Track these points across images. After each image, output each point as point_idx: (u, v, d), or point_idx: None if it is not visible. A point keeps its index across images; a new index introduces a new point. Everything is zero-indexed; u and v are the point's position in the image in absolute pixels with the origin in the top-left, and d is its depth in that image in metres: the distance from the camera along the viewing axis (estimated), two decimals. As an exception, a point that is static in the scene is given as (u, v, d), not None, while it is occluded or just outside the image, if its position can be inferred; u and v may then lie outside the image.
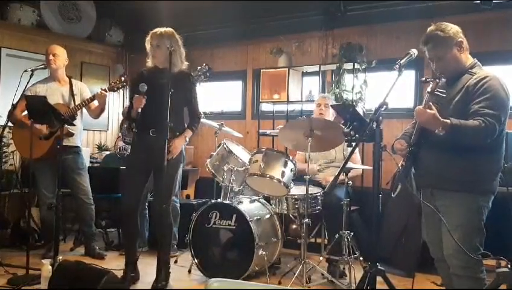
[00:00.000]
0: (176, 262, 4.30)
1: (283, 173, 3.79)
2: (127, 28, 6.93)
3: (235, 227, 3.83)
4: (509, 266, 2.38)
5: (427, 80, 2.57)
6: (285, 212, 4.09)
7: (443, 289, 2.99)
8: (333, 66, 5.40)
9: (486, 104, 2.46)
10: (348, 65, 5.22)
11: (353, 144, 2.53)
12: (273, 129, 5.38)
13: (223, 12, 5.88)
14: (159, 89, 3.48)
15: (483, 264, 2.58)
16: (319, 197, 3.96)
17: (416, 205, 3.20)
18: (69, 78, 4.58)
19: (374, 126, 2.39)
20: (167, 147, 3.41)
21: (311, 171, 4.08)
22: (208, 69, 4.59)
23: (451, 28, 2.64)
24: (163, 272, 3.58)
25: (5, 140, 4.97)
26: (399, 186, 2.72)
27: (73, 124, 4.05)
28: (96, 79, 6.68)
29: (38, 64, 4.31)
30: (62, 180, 3.66)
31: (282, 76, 5.53)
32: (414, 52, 2.59)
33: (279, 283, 3.78)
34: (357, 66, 5.18)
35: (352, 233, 3.79)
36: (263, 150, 3.95)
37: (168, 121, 3.34)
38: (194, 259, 3.94)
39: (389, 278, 2.47)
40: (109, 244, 4.92)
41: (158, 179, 3.59)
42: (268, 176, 3.79)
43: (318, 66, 5.49)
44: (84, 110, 4.49)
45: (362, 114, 4.29)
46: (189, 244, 3.94)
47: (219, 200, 4.05)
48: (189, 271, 4.09)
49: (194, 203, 4.90)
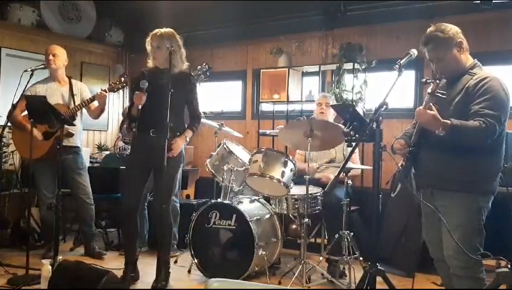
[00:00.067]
0: (176, 262, 4.29)
1: (283, 173, 3.79)
2: (127, 28, 6.92)
3: (235, 227, 3.83)
4: (509, 266, 2.38)
5: (427, 81, 2.57)
6: (285, 212, 4.09)
7: (443, 289, 2.98)
8: (333, 66, 5.39)
9: (487, 105, 2.46)
10: (348, 65, 5.22)
11: (353, 144, 2.53)
12: (273, 129, 5.38)
13: (223, 12, 5.88)
14: (159, 89, 3.48)
15: (483, 265, 2.58)
16: (318, 197, 3.96)
17: (416, 205, 3.20)
18: (69, 78, 4.58)
19: (373, 126, 2.39)
20: (168, 145, 3.41)
21: (311, 170, 4.08)
22: (208, 68, 4.59)
23: (451, 28, 2.64)
24: (163, 272, 3.58)
25: (5, 140, 4.97)
26: (399, 186, 2.72)
27: (73, 124, 4.06)
28: (96, 79, 6.68)
29: (38, 64, 4.31)
30: (62, 180, 3.66)
31: (282, 76, 5.53)
32: (414, 52, 2.59)
33: (279, 283, 3.78)
34: (357, 66, 5.17)
35: (352, 233, 3.79)
36: (263, 150, 3.95)
37: (168, 121, 3.34)
38: (193, 259, 3.94)
39: (389, 278, 2.47)
40: (109, 245, 4.92)
41: (158, 179, 3.59)
42: (268, 176, 3.79)
43: (318, 66, 5.49)
44: (84, 110, 4.50)
45: (362, 114, 4.29)
46: (189, 244, 3.94)
47: (219, 200, 4.05)
48: (189, 271, 4.09)
49: (194, 203, 4.90)
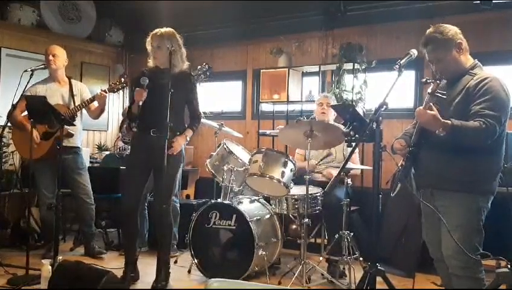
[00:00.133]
0: (176, 262, 4.29)
1: (283, 173, 3.79)
2: (127, 28, 6.92)
3: (235, 227, 3.83)
4: (509, 266, 2.38)
5: (427, 81, 2.57)
6: (285, 213, 4.09)
7: (443, 289, 2.98)
8: (333, 66, 5.39)
9: (487, 106, 2.46)
10: (348, 65, 5.21)
11: (353, 144, 2.53)
12: (273, 129, 5.38)
13: (223, 13, 5.88)
14: (159, 89, 3.48)
15: (483, 265, 2.58)
16: (318, 198, 3.96)
17: (416, 205, 3.20)
18: (69, 78, 4.58)
19: (373, 126, 2.39)
20: (168, 144, 3.40)
21: (310, 167, 4.07)
22: (208, 68, 4.59)
23: (450, 29, 2.63)
24: (163, 272, 3.58)
25: (5, 140, 4.97)
26: (398, 185, 2.72)
27: (73, 125, 4.06)
28: (96, 79, 6.68)
29: (38, 65, 4.32)
30: (62, 180, 3.66)
31: (282, 76, 5.52)
32: (414, 52, 2.59)
33: (279, 283, 3.78)
34: (357, 66, 5.17)
35: (352, 233, 3.79)
36: (263, 150, 3.95)
37: (168, 121, 3.34)
38: (193, 259, 3.94)
39: (389, 279, 2.47)
40: (109, 245, 4.92)
41: (158, 179, 3.59)
42: (268, 176, 3.79)
43: (318, 66, 5.49)
44: (84, 110, 4.50)
45: (362, 114, 4.29)
46: (189, 245, 3.94)
47: (219, 200, 4.05)
48: (189, 271, 4.08)
49: (194, 203, 4.90)
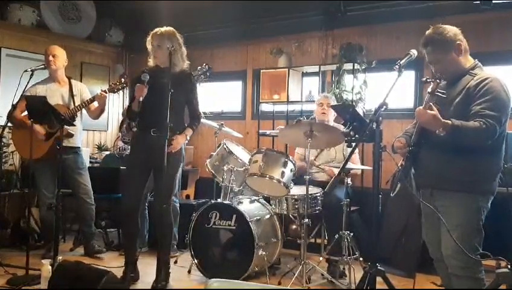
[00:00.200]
0: (176, 262, 4.29)
1: (283, 173, 3.79)
2: (127, 28, 6.92)
3: (235, 227, 3.83)
4: (509, 266, 2.38)
5: (427, 80, 2.56)
6: (285, 213, 4.09)
7: (443, 289, 2.98)
8: (333, 67, 5.39)
9: (487, 106, 2.46)
10: (348, 65, 5.22)
11: (353, 144, 2.53)
12: (273, 129, 5.38)
13: (223, 13, 5.88)
14: (160, 88, 3.47)
15: (482, 265, 2.58)
16: (318, 198, 3.96)
17: (416, 205, 3.20)
18: (69, 78, 4.58)
19: (373, 126, 2.39)
20: (168, 142, 3.40)
21: (310, 163, 4.07)
22: (208, 68, 4.59)
23: (450, 30, 2.63)
24: (163, 272, 3.58)
25: (5, 140, 4.96)
26: (398, 185, 2.72)
27: (73, 125, 4.06)
28: (96, 79, 6.68)
29: (38, 65, 4.32)
30: (62, 180, 3.66)
31: (282, 76, 5.53)
32: (414, 52, 2.59)
33: (279, 283, 3.78)
34: (357, 66, 5.17)
35: (352, 233, 3.79)
36: (263, 150, 3.95)
37: (168, 121, 3.34)
38: (193, 259, 3.94)
39: (389, 279, 2.47)
40: (109, 245, 4.92)
41: (158, 179, 3.59)
42: (268, 176, 3.79)
43: (318, 66, 5.49)
44: (84, 110, 4.50)
45: (362, 114, 4.29)
46: (189, 245, 3.94)
47: (219, 200, 4.05)
48: (189, 271, 4.08)
49: (194, 203, 4.90)
